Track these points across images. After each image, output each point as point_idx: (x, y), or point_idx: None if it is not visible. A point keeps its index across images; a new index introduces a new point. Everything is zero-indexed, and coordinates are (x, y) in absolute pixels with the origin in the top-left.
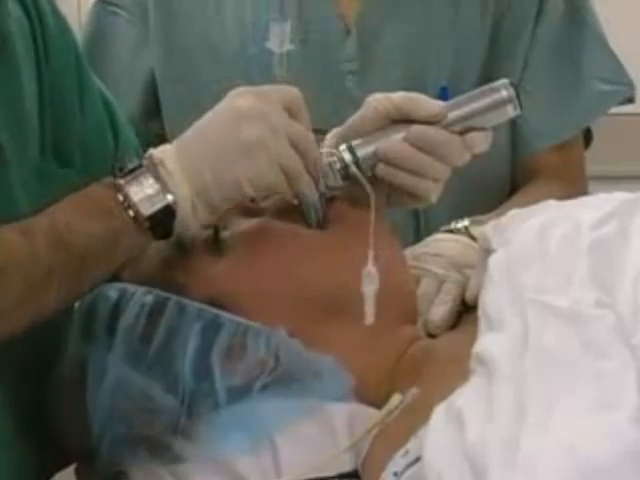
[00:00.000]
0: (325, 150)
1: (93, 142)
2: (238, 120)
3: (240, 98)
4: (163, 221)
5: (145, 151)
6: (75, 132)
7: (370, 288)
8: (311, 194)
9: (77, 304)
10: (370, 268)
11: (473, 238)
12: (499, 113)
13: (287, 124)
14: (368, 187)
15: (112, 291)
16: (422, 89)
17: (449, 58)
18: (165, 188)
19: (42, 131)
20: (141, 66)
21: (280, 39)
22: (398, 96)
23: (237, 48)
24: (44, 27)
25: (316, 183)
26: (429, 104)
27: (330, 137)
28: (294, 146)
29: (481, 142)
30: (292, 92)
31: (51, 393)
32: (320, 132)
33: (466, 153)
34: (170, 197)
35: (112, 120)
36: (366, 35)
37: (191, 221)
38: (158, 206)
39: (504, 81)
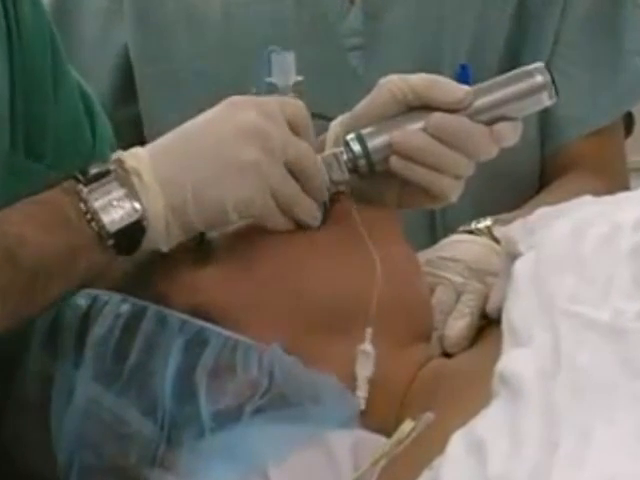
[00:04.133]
0: (329, 138)
1: (67, 136)
2: (235, 136)
3: (240, 110)
4: (130, 238)
5: (118, 144)
6: (48, 124)
7: (363, 371)
8: (313, 221)
9: None
10: (366, 346)
11: (496, 240)
12: (532, 101)
13: (288, 143)
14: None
15: (81, 298)
16: (437, 66)
17: (468, 30)
18: (136, 202)
19: (12, 121)
20: (113, 42)
21: (285, 72)
22: (417, 78)
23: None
24: (18, 12)
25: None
26: (453, 88)
27: (336, 124)
28: (293, 169)
29: (510, 134)
30: (296, 104)
31: (10, 415)
32: (324, 118)
33: (493, 146)
34: (141, 213)
35: (89, 113)
36: (372, 5)
37: (163, 242)
38: (126, 222)
39: (539, 65)
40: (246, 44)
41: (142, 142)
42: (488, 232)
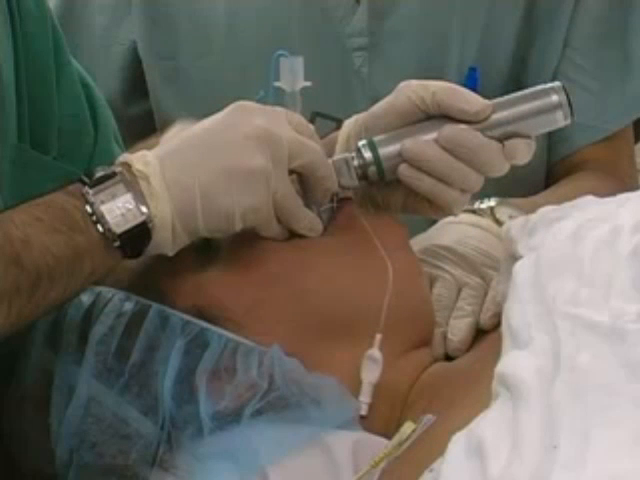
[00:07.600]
0: (341, 137)
1: (70, 127)
2: (244, 142)
3: (249, 116)
4: (135, 241)
5: (125, 140)
6: (52, 115)
7: (370, 376)
8: (312, 234)
9: None
10: (375, 352)
11: (498, 222)
12: (547, 120)
13: (300, 145)
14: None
15: (84, 295)
16: (443, 68)
17: (476, 32)
18: (143, 205)
19: (19, 113)
20: (122, 38)
21: (293, 77)
22: (437, 85)
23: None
24: (21, 4)
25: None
26: (472, 99)
27: (349, 123)
28: (304, 171)
29: (523, 151)
30: (299, 117)
31: (9, 411)
32: (331, 119)
33: (505, 163)
34: (147, 216)
35: (90, 103)
36: (378, 5)
37: (169, 247)
38: (132, 224)
39: (556, 84)
40: (250, 43)
41: None
42: (491, 213)
